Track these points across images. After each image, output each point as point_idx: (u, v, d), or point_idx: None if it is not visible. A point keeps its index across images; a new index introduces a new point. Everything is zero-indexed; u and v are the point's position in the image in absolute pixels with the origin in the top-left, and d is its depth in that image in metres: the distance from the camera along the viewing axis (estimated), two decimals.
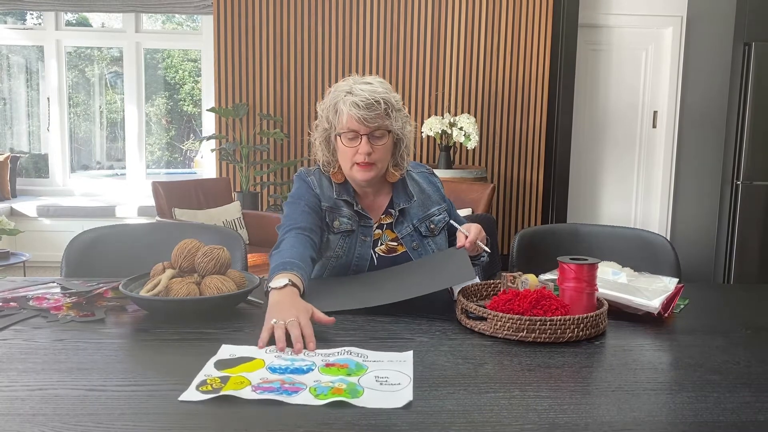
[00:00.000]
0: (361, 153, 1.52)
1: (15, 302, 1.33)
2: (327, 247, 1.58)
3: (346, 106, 1.50)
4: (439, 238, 1.65)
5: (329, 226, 1.58)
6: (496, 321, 1.16)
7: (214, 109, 4.72)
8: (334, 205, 1.59)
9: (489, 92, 4.89)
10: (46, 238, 4.80)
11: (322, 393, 0.89)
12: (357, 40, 4.82)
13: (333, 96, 1.55)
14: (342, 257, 1.57)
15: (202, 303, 1.26)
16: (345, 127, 1.52)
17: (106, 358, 1.04)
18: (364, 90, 1.50)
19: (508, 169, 4.98)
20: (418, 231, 1.62)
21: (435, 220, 1.65)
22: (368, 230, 1.59)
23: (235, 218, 4.04)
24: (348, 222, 1.58)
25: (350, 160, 1.54)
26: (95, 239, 1.80)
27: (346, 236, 1.58)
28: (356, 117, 1.49)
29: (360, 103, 1.48)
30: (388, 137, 1.55)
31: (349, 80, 1.56)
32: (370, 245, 1.58)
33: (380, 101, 1.50)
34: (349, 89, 1.52)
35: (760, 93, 4.02)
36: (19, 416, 0.82)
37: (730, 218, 4.19)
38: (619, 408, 0.87)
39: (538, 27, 4.83)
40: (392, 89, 1.58)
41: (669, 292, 1.30)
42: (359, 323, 1.24)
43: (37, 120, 5.59)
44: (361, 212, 1.59)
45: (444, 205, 1.69)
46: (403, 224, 1.61)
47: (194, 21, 5.70)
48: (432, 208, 1.66)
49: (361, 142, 1.52)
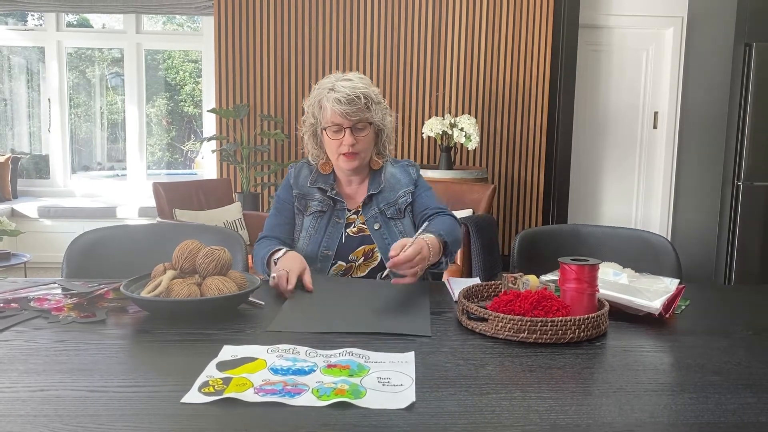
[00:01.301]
0: (346, 144, 1.68)
1: (16, 303, 1.33)
2: (302, 227, 1.77)
3: (330, 102, 1.66)
4: (406, 220, 1.78)
5: (302, 210, 1.78)
6: (497, 322, 1.16)
7: (214, 110, 4.72)
8: (307, 192, 1.78)
9: (489, 93, 4.89)
10: (46, 239, 4.80)
11: (324, 394, 0.89)
12: (357, 41, 4.82)
13: (317, 93, 1.71)
14: (314, 236, 1.75)
15: (203, 304, 1.26)
16: (329, 121, 1.68)
17: (107, 359, 1.04)
18: (345, 86, 1.66)
19: (509, 170, 4.98)
20: (383, 214, 1.76)
21: (400, 201, 1.77)
22: (342, 213, 1.76)
23: (236, 219, 4.04)
24: (318, 204, 1.76)
25: (336, 151, 1.71)
26: (96, 240, 1.81)
27: (318, 217, 1.76)
28: (339, 111, 1.65)
29: (342, 98, 1.64)
30: (370, 128, 1.72)
31: (331, 77, 1.72)
32: (342, 226, 1.75)
33: (360, 96, 1.65)
34: (332, 86, 1.68)
35: (761, 93, 4.02)
36: (20, 417, 0.82)
37: (731, 219, 4.19)
38: (620, 409, 0.87)
39: (538, 28, 4.83)
40: (372, 84, 1.75)
41: (670, 293, 1.30)
42: None
43: (38, 121, 5.60)
44: (335, 197, 1.76)
45: (410, 187, 1.80)
46: (371, 208, 1.76)
47: (195, 22, 5.70)
48: (399, 191, 1.78)
49: (345, 135, 1.68)
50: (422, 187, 1.83)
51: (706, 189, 4.55)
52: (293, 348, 1.07)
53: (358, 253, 1.72)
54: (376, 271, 1.71)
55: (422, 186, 1.83)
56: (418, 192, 1.81)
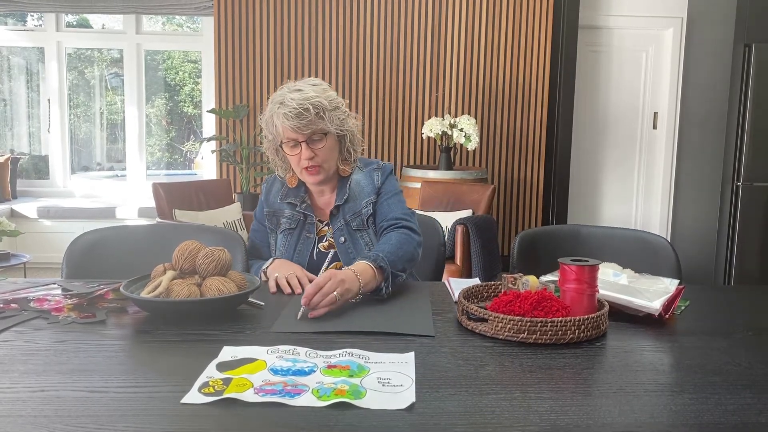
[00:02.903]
0: (305, 159, 1.61)
1: (16, 304, 1.33)
2: (275, 245, 1.74)
3: (279, 118, 1.59)
4: (371, 231, 1.70)
5: (273, 228, 1.75)
6: (497, 322, 1.16)
7: (214, 110, 4.72)
8: (278, 209, 1.74)
9: (489, 93, 4.89)
10: (46, 240, 4.80)
11: (324, 394, 0.89)
12: (357, 41, 4.82)
13: (269, 109, 1.64)
14: (285, 254, 1.70)
15: (203, 304, 1.26)
16: (283, 137, 1.61)
17: (107, 360, 1.04)
18: (294, 99, 1.56)
19: (509, 170, 4.98)
20: (349, 225, 1.68)
21: (363, 212, 1.69)
22: (312, 227, 1.70)
23: (236, 219, 4.04)
24: (288, 221, 1.72)
25: (298, 166, 1.64)
26: (96, 241, 1.80)
27: (288, 234, 1.71)
28: (290, 127, 1.57)
29: (290, 113, 1.56)
30: (327, 138, 1.62)
31: (283, 89, 1.63)
32: (313, 241, 1.69)
33: (309, 108, 1.56)
34: (282, 99, 1.59)
35: (761, 94, 4.03)
36: (20, 417, 0.82)
37: (731, 219, 4.19)
38: (620, 409, 0.87)
39: (538, 28, 4.83)
40: (328, 89, 1.65)
41: (670, 293, 1.30)
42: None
43: (38, 121, 5.60)
44: (304, 212, 1.70)
45: (372, 197, 1.70)
46: (338, 219, 1.69)
47: (195, 22, 5.70)
48: (362, 202, 1.70)
49: (302, 149, 1.60)
50: (385, 194, 1.71)
51: (705, 189, 4.55)
52: (293, 349, 1.08)
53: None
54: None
55: (385, 193, 1.71)
56: (381, 200, 1.70)
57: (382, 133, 4.90)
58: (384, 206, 1.69)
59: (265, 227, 1.77)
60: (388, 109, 4.87)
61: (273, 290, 1.49)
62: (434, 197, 3.97)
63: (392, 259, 1.46)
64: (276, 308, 1.35)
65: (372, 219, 1.70)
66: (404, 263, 1.51)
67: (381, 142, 4.91)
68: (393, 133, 4.91)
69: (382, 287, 1.42)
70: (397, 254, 1.49)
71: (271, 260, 1.66)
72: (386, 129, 4.90)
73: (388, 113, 4.88)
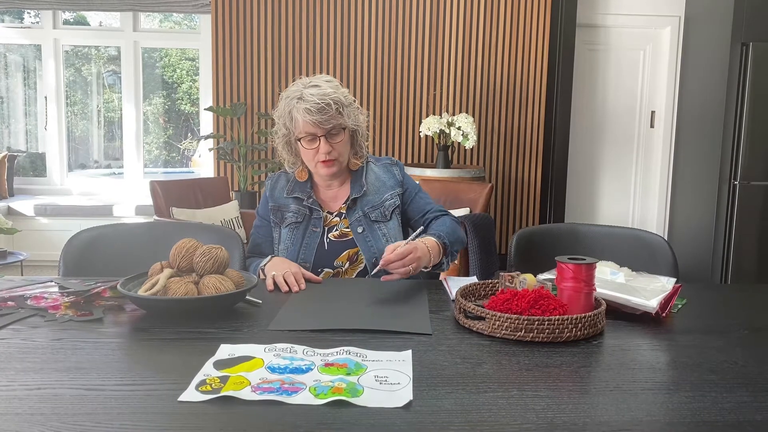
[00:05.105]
0: (322, 152, 1.66)
1: (13, 301, 1.33)
2: (279, 239, 1.75)
3: (300, 113, 1.62)
4: (391, 223, 1.75)
5: (278, 222, 1.76)
6: (494, 321, 1.16)
7: (211, 108, 4.71)
8: (283, 204, 1.76)
9: (487, 92, 4.89)
10: (43, 237, 4.79)
11: (322, 392, 0.89)
12: (355, 39, 4.82)
13: (286, 104, 1.67)
14: (290, 248, 1.72)
15: (200, 302, 1.26)
16: (302, 131, 1.65)
17: (104, 358, 1.04)
18: (314, 94, 1.61)
19: (506, 169, 4.99)
20: (367, 217, 1.73)
21: (386, 204, 1.75)
22: (318, 221, 1.74)
23: (233, 217, 4.04)
24: (293, 215, 1.74)
25: (313, 160, 1.69)
26: (93, 238, 1.80)
27: (294, 229, 1.73)
28: (311, 121, 1.62)
29: (312, 108, 1.60)
30: (344, 133, 1.69)
31: (298, 84, 1.67)
32: (319, 234, 1.72)
33: (330, 103, 1.62)
34: (300, 95, 1.63)
35: (758, 93, 4.03)
36: (17, 415, 0.82)
37: (728, 218, 4.20)
38: (617, 408, 0.87)
39: (536, 27, 4.83)
40: (341, 85, 1.72)
41: (667, 291, 1.30)
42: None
43: (35, 119, 5.58)
44: (312, 206, 1.74)
45: (397, 190, 1.78)
46: (355, 212, 1.74)
47: (192, 20, 5.69)
48: (385, 194, 1.76)
49: (320, 143, 1.65)
50: (413, 188, 1.81)
51: (702, 188, 4.56)
52: (290, 347, 1.08)
53: (343, 258, 1.70)
54: (364, 274, 1.70)
55: (412, 187, 1.81)
56: (411, 194, 1.80)
57: (380, 131, 4.90)
58: (419, 200, 1.80)
59: (268, 222, 1.79)
60: (385, 107, 4.87)
61: (270, 288, 1.49)
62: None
63: (451, 239, 1.64)
64: (273, 306, 1.35)
65: (398, 211, 1.77)
66: (458, 245, 1.68)
67: (379, 140, 4.90)
68: (391, 132, 4.91)
69: (443, 261, 1.61)
70: (453, 236, 1.66)
71: (269, 258, 1.66)
72: (384, 127, 4.90)
73: (386, 111, 4.88)
